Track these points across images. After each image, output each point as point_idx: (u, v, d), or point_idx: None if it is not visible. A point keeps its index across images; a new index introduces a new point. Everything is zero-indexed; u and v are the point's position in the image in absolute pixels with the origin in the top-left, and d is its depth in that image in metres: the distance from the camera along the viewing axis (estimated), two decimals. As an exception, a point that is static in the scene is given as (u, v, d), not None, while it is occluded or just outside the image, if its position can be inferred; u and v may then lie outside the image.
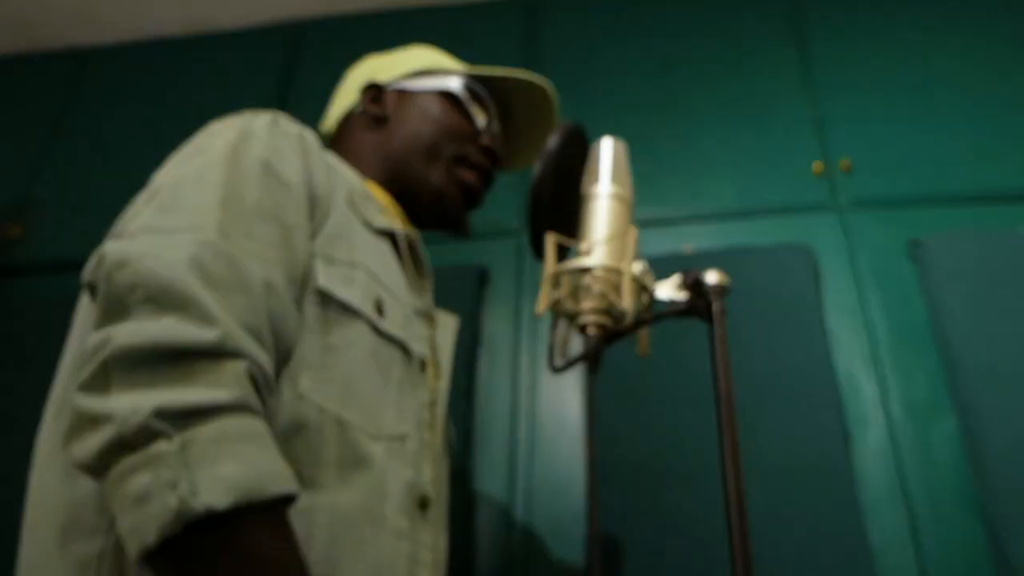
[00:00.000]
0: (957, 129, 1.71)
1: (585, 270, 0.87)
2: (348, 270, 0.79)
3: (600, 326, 0.85)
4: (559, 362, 0.92)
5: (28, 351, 1.73)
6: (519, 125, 1.15)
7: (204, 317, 0.59)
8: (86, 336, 0.61)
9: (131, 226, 0.68)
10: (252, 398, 0.60)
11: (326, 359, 0.73)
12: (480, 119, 1.06)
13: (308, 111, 2.06)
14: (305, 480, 0.67)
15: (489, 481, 1.46)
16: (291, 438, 0.67)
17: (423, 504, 0.79)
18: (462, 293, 1.64)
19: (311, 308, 0.74)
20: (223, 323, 0.60)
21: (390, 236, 0.93)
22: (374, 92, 1.06)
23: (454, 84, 1.05)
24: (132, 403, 0.54)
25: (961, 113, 1.73)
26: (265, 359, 0.63)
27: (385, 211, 0.96)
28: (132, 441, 0.53)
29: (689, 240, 1.68)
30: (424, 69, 1.07)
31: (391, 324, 0.82)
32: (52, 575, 0.62)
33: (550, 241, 0.90)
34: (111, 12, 2.33)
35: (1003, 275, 1.47)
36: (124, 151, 2.09)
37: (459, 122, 1.04)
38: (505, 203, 1.76)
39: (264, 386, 0.63)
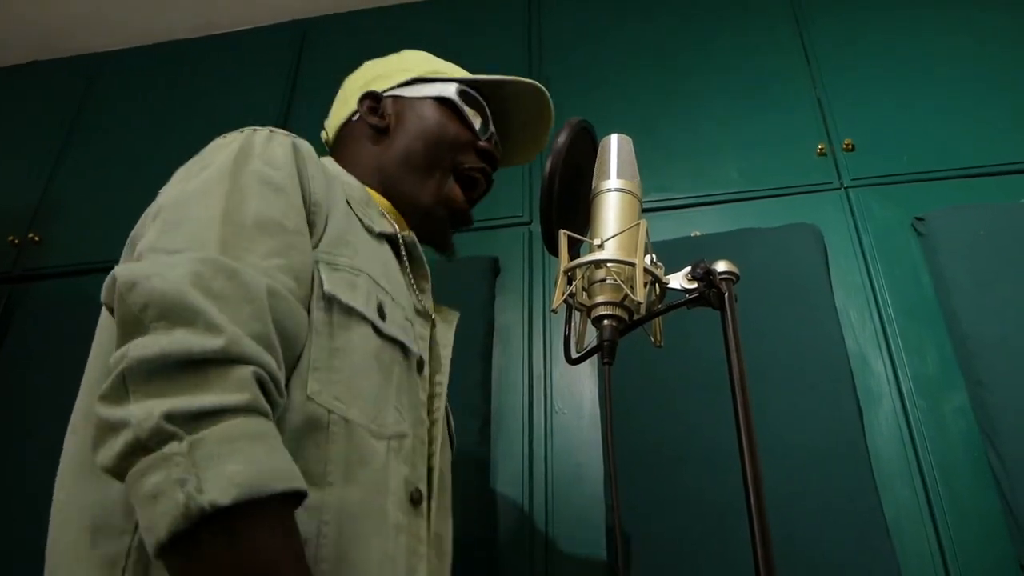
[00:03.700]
0: (957, 105, 1.72)
1: (598, 264, 0.89)
2: (351, 275, 0.83)
3: (615, 318, 0.87)
4: (575, 354, 0.94)
5: (46, 353, 1.76)
6: (516, 123, 1.17)
7: (210, 327, 0.63)
8: (109, 350, 0.65)
9: (139, 245, 0.73)
10: (259, 401, 0.63)
11: (332, 361, 0.77)
12: (476, 123, 1.08)
13: (316, 107, 2.07)
14: (315, 477, 0.70)
15: (506, 469, 1.48)
16: (301, 438, 0.71)
17: (416, 499, 0.83)
18: (474, 284, 1.66)
19: (317, 313, 0.78)
20: (228, 332, 0.63)
21: (390, 239, 0.96)
22: (372, 101, 1.08)
23: (450, 90, 1.07)
24: (146, 409, 0.58)
25: (960, 89, 1.74)
26: (272, 364, 0.67)
27: (385, 214, 0.99)
28: (147, 443, 0.57)
29: (696, 224, 1.69)
30: (420, 76, 1.09)
31: (391, 326, 0.85)
32: (81, 573, 0.66)
33: (563, 237, 0.92)
34: (123, 18, 2.35)
35: (1007, 247, 1.47)
36: (137, 154, 2.11)
37: (456, 128, 1.06)
38: (514, 195, 1.77)
39: (272, 389, 0.66)
